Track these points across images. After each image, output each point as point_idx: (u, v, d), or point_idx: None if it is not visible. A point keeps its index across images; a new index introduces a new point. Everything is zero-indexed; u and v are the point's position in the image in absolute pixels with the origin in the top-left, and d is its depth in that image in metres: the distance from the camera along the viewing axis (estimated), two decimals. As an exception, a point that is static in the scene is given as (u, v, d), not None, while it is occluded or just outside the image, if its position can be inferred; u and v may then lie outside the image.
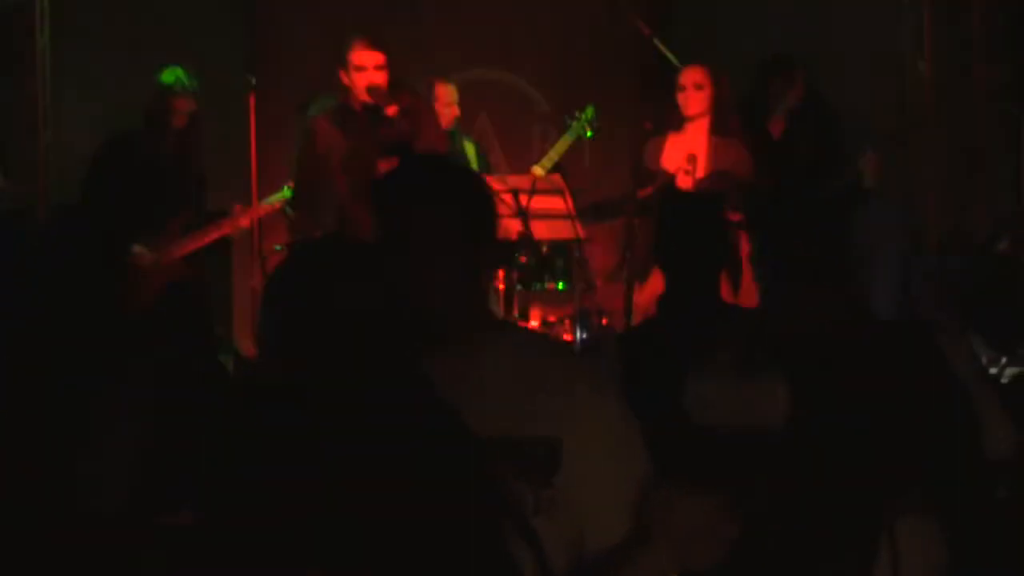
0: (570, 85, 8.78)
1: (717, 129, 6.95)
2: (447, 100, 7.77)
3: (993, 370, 5.97)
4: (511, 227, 6.79)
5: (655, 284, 5.77)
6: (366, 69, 6.50)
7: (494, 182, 6.78)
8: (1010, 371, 7.16)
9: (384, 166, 6.35)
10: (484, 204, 2.52)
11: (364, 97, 6.50)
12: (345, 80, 6.57)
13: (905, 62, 8.60)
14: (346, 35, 6.89)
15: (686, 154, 6.88)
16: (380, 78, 6.47)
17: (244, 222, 7.16)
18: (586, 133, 7.54)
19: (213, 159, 7.42)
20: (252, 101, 6.90)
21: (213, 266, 7.47)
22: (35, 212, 7.94)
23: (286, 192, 7.03)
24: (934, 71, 8.44)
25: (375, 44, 6.51)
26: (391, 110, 6.44)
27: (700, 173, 6.83)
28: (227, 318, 8.32)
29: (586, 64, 8.93)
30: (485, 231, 2.49)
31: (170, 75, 7.02)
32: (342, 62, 6.57)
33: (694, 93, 6.93)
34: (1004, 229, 7.99)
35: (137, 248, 7.05)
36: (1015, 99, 8.14)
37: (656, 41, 7.51)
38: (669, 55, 7.40)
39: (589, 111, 7.57)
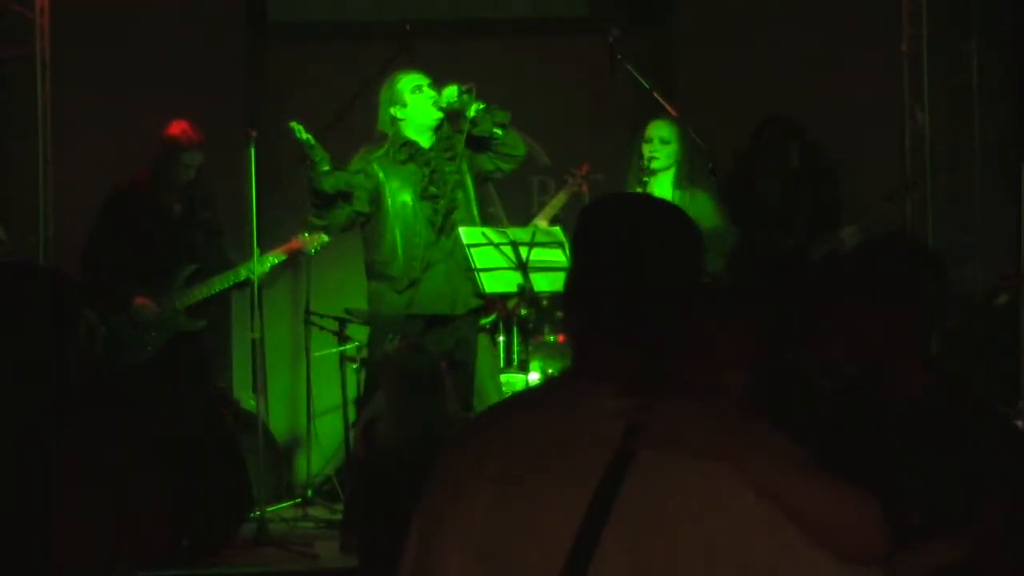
0: (569, 138, 8.79)
1: (680, 183, 6.98)
2: None
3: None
4: (511, 279, 6.77)
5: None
6: (423, 88, 6.69)
7: (493, 234, 6.78)
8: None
9: None
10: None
11: (427, 118, 6.69)
12: (398, 113, 6.63)
13: (904, 113, 8.60)
14: (346, 86, 6.94)
15: None
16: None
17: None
18: (581, 189, 7.60)
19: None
20: (253, 153, 6.91)
21: (212, 318, 7.44)
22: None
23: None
24: (933, 122, 8.44)
25: (420, 69, 6.78)
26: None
27: None
28: (226, 370, 8.29)
29: (585, 117, 8.93)
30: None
31: (177, 128, 7.05)
32: (390, 99, 6.65)
33: (660, 147, 6.97)
34: (1004, 283, 7.98)
35: (140, 298, 7.04)
36: (1014, 151, 8.15)
37: (656, 95, 7.51)
38: (669, 108, 7.40)
39: (584, 169, 7.65)
